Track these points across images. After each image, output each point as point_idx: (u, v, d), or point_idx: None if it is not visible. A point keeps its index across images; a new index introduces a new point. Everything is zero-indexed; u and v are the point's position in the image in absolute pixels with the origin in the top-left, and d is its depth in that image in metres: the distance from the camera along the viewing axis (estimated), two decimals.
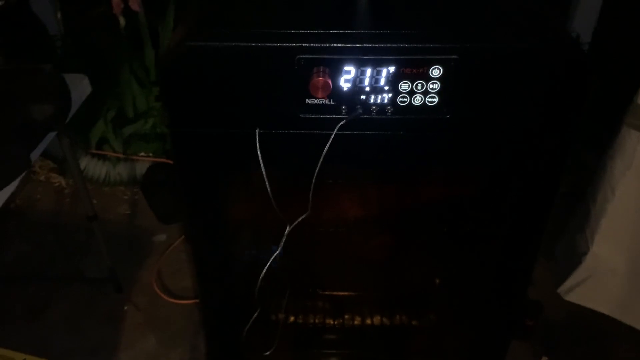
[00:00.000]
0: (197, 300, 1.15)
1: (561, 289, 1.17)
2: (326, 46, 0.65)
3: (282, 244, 0.71)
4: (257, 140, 0.68)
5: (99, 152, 1.48)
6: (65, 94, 0.93)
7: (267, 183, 0.68)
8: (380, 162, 0.74)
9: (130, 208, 1.47)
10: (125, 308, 1.21)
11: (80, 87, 0.99)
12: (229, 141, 0.71)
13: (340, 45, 0.64)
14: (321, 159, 0.68)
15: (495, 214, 0.81)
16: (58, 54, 1.45)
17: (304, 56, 0.64)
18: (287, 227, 0.71)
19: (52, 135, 0.93)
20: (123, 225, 1.41)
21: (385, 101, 0.68)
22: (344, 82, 0.67)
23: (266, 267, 0.74)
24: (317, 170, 0.68)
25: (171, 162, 1.17)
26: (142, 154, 1.50)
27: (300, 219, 0.71)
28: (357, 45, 0.65)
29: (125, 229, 1.41)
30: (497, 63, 0.66)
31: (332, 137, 0.67)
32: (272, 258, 0.73)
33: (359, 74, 0.66)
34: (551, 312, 1.11)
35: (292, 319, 0.99)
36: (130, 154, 1.49)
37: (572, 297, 1.16)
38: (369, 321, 0.99)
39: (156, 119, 1.45)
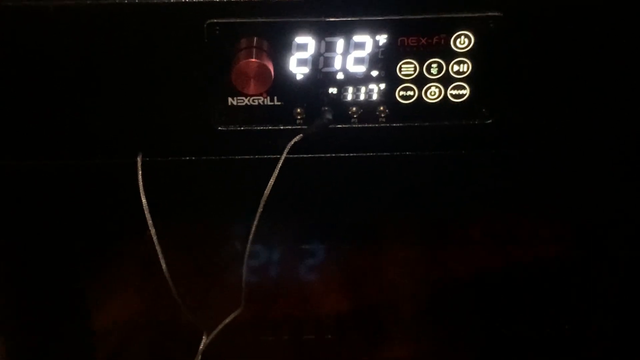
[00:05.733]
0: None
1: None
2: (261, 0, 0.61)
3: None
4: (140, 177, 0.65)
5: None
6: None
7: (160, 253, 0.64)
8: (369, 210, 0.74)
9: None
10: None
11: None
12: (89, 180, 0.70)
13: None
14: (261, 207, 0.64)
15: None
16: None
17: (219, 20, 0.62)
18: (204, 337, 0.67)
19: None
20: None
21: (375, 97, 0.65)
22: (297, 65, 0.64)
23: None
24: (254, 227, 0.65)
25: None
26: None
27: (227, 321, 0.68)
28: None
29: None
30: (576, 22, 0.64)
31: (280, 164, 0.64)
32: None
33: (322, 49, 0.63)
34: None
35: None
36: None
37: None
38: None
39: None
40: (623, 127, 0.70)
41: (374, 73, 0.64)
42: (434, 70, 0.64)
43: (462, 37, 0.62)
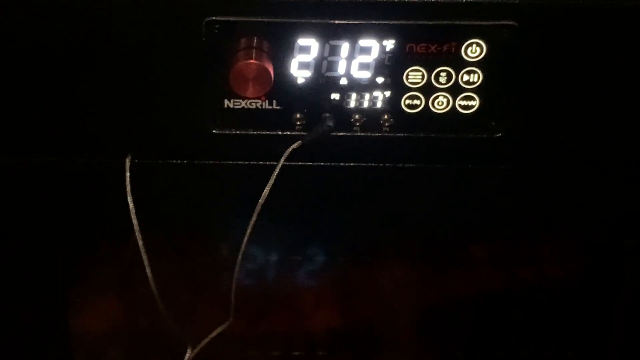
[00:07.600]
0: None
1: None
2: None
3: None
4: (128, 179, 0.64)
5: None
6: None
7: (145, 260, 0.64)
8: (368, 222, 0.75)
9: None
10: None
11: None
12: (74, 180, 0.70)
13: None
14: (255, 216, 0.64)
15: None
16: None
17: (219, 18, 0.61)
18: (188, 351, 0.68)
19: None
20: None
21: (380, 105, 0.65)
22: (298, 69, 0.64)
23: None
24: (247, 237, 0.64)
25: None
26: None
27: (214, 334, 0.67)
28: None
29: None
30: (594, 35, 0.63)
31: (277, 171, 0.64)
32: None
33: (325, 53, 0.63)
34: None
35: None
36: None
37: None
38: None
39: None
40: None
41: (380, 80, 0.63)
42: (442, 79, 0.63)
43: (474, 45, 0.62)
